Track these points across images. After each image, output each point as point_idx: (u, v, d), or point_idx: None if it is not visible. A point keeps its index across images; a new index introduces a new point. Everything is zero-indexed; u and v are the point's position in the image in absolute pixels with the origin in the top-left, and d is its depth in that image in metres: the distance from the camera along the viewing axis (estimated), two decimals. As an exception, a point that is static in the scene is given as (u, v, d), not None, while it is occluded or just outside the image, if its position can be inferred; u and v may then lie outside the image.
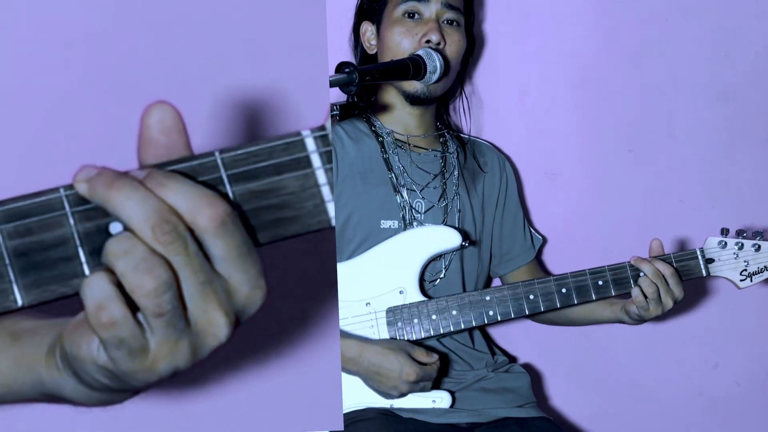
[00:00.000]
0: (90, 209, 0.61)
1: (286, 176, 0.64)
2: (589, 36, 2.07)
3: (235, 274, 0.62)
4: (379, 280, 1.67)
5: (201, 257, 0.60)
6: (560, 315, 1.83)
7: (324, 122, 0.65)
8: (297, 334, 1.00)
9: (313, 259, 1.04)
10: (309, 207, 0.64)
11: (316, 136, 0.65)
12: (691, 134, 2.10)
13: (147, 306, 0.59)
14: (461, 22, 1.77)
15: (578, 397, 2.13)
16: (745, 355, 2.14)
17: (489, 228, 1.86)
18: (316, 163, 0.65)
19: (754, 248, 1.70)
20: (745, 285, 1.71)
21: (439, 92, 1.77)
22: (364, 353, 1.58)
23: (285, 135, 0.64)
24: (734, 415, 2.15)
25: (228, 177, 0.63)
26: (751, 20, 2.08)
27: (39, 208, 0.61)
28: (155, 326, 0.60)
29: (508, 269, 1.90)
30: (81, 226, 0.61)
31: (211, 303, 0.61)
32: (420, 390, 1.60)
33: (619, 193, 2.10)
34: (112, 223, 0.61)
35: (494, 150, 1.95)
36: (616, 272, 1.67)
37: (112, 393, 0.65)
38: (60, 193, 0.61)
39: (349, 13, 1.88)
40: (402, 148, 1.79)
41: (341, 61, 1.29)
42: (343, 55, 1.90)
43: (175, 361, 0.62)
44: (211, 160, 0.63)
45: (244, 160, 0.64)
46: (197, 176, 0.63)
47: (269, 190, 0.64)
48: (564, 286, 1.67)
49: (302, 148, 0.64)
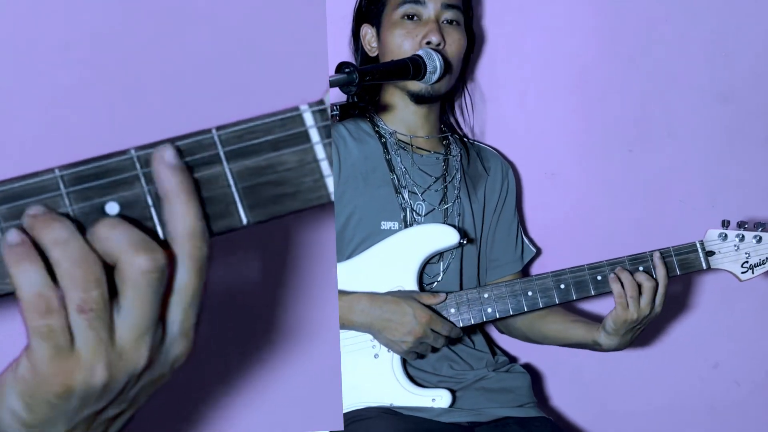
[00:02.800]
0: (86, 189, 0.61)
1: (285, 152, 0.63)
2: (589, 35, 2.07)
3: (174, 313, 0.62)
4: (378, 279, 1.67)
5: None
6: (534, 331, 1.83)
7: (322, 96, 0.64)
8: (296, 334, 1.00)
9: (313, 259, 1.04)
10: (308, 182, 0.64)
11: (314, 110, 0.64)
12: (691, 134, 2.10)
13: (73, 298, 0.58)
14: (461, 21, 1.77)
15: (578, 397, 2.13)
16: (745, 355, 2.14)
17: (487, 233, 1.86)
18: (315, 137, 0.64)
19: (756, 240, 1.69)
20: (746, 277, 1.69)
21: (443, 90, 1.77)
22: (375, 302, 1.59)
23: (283, 110, 0.63)
24: (734, 415, 2.15)
25: (225, 154, 0.63)
26: (751, 20, 2.08)
27: (34, 189, 0.60)
28: (78, 324, 0.58)
29: (492, 277, 1.88)
30: (77, 206, 0.61)
31: (138, 330, 0.60)
32: (433, 341, 1.60)
33: (619, 193, 2.10)
34: (108, 203, 0.61)
35: (498, 156, 1.95)
36: (615, 267, 1.66)
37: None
38: (55, 173, 0.61)
39: (349, 14, 1.88)
40: (404, 149, 1.78)
41: (341, 61, 1.29)
42: (343, 56, 1.90)
43: (90, 376, 0.59)
44: (208, 137, 0.63)
45: (241, 137, 0.63)
46: (195, 153, 0.62)
47: (267, 166, 0.63)
48: (562, 281, 1.66)
49: (300, 122, 0.64)
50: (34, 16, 0.94)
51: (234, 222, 0.63)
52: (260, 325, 1.02)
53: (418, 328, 1.57)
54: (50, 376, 0.59)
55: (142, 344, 0.61)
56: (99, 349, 0.59)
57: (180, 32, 0.96)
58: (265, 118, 0.63)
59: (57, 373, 0.59)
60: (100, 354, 0.59)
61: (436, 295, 1.63)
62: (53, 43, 0.94)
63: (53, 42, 0.94)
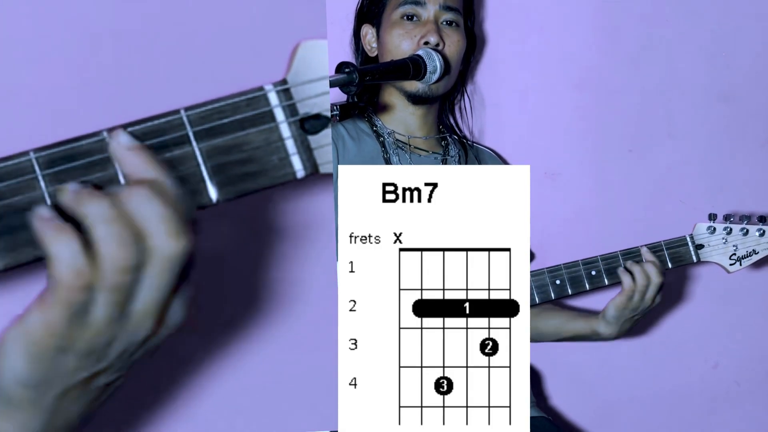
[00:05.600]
0: (60, 171, 0.62)
1: (251, 131, 0.65)
2: (590, 36, 2.07)
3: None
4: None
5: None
6: (531, 329, 1.84)
7: (285, 76, 0.66)
8: (296, 334, 1.00)
9: (313, 259, 1.04)
10: (274, 161, 0.65)
11: (278, 90, 0.66)
12: (691, 134, 2.10)
13: (107, 278, 0.59)
14: (460, 23, 1.77)
15: (578, 397, 2.13)
16: (745, 355, 2.14)
17: None
18: (280, 117, 0.66)
19: (742, 232, 1.73)
20: (734, 269, 1.74)
21: (440, 91, 1.77)
22: None
23: (248, 90, 0.65)
24: (734, 415, 2.15)
25: (194, 134, 0.64)
26: (751, 20, 2.08)
27: (9, 172, 0.61)
28: (103, 300, 0.60)
29: None
30: (52, 188, 0.62)
31: (152, 305, 0.62)
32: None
33: (619, 193, 2.10)
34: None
35: (496, 158, 1.95)
36: (608, 262, 1.69)
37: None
38: (30, 156, 0.62)
39: (350, 14, 1.88)
40: (402, 149, 1.79)
41: (341, 61, 1.29)
42: (343, 56, 1.90)
43: (97, 339, 0.61)
44: (177, 118, 0.64)
45: (208, 117, 0.65)
46: (164, 134, 0.64)
47: (234, 145, 0.65)
48: (558, 277, 1.68)
49: (265, 102, 0.65)
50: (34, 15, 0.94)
51: (203, 199, 0.65)
52: (260, 326, 1.02)
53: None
54: (61, 337, 0.60)
55: (151, 317, 0.62)
56: (113, 321, 0.61)
57: (180, 33, 0.96)
58: (232, 98, 0.65)
59: (68, 335, 0.60)
60: (112, 325, 0.61)
61: None
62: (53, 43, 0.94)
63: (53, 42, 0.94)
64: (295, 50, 0.65)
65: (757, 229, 1.73)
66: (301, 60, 0.65)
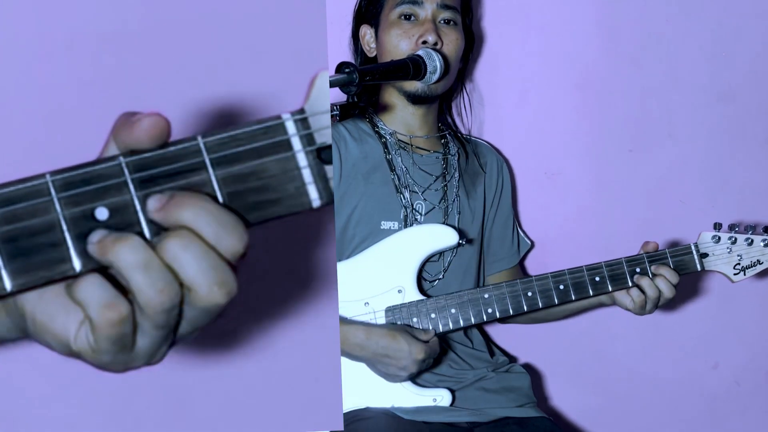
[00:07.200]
0: (76, 194, 0.62)
1: (267, 159, 0.65)
2: (590, 36, 2.07)
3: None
4: (378, 279, 1.68)
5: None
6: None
7: (304, 105, 0.66)
8: (297, 334, 1.00)
9: (314, 260, 1.04)
10: (290, 189, 0.65)
11: (296, 119, 0.66)
12: (691, 134, 2.10)
13: (154, 319, 0.61)
14: (458, 21, 1.77)
15: (578, 397, 2.13)
16: (745, 355, 2.14)
17: (486, 228, 1.87)
18: (297, 146, 0.65)
19: (747, 242, 1.73)
20: (738, 279, 1.74)
21: (440, 91, 1.77)
22: (372, 336, 1.58)
23: (266, 119, 0.65)
24: (734, 415, 2.15)
25: (210, 161, 0.64)
26: (751, 20, 2.08)
27: (25, 194, 0.61)
28: (152, 334, 0.62)
29: (491, 271, 1.90)
30: (67, 211, 0.62)
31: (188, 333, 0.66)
32: (425, 366, 1.60)
33: (619, 193, 2.10)
34: (98, 209, 0.62)
35: (493, 151, 1.96)
36: (613, 268, 1.68)
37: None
38: (46, 178, 0.61)
39: (349, 14, 1.88)
40: (404, 149, 1.79)
41: (341, 61, 1.29)
42: (343, 56, 1.90)
43: (150, 359, 0.65)
44: (194, 145, 0.64)
45: (226, 144, 0.64)
46: (182, 160, 0.64)
47: (251, 173, 0.65)
48: (561, 282, 1.68)
49: (282, 131, 0.65)
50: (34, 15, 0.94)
51: None
52: (261, 326, 1.02)
53: (412, 366, 1.57)
54: (108, 364, 0.63)
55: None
56: (155, 351, 0.64)
57: (180, 33, 0.96)
58: (249, 126, 0.65)
59: (117, 362, 0.63)
60: (154, 353, 0.64)
61: (426, 332, 1.62)
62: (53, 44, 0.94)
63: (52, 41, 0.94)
64: (314, 80, 0.65)
65: (762, 240, 1.72)
66: (319, 90, 0.65)
